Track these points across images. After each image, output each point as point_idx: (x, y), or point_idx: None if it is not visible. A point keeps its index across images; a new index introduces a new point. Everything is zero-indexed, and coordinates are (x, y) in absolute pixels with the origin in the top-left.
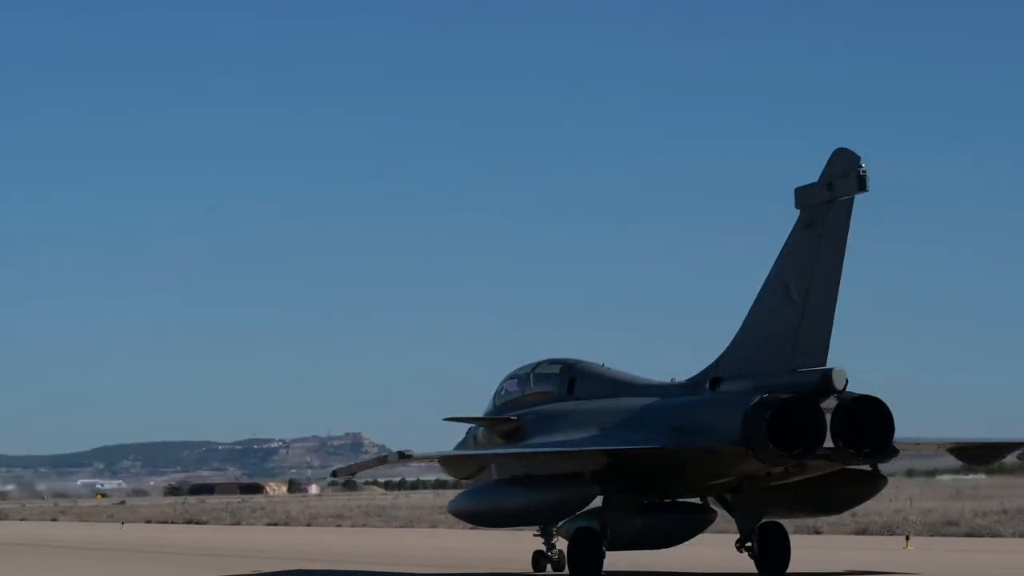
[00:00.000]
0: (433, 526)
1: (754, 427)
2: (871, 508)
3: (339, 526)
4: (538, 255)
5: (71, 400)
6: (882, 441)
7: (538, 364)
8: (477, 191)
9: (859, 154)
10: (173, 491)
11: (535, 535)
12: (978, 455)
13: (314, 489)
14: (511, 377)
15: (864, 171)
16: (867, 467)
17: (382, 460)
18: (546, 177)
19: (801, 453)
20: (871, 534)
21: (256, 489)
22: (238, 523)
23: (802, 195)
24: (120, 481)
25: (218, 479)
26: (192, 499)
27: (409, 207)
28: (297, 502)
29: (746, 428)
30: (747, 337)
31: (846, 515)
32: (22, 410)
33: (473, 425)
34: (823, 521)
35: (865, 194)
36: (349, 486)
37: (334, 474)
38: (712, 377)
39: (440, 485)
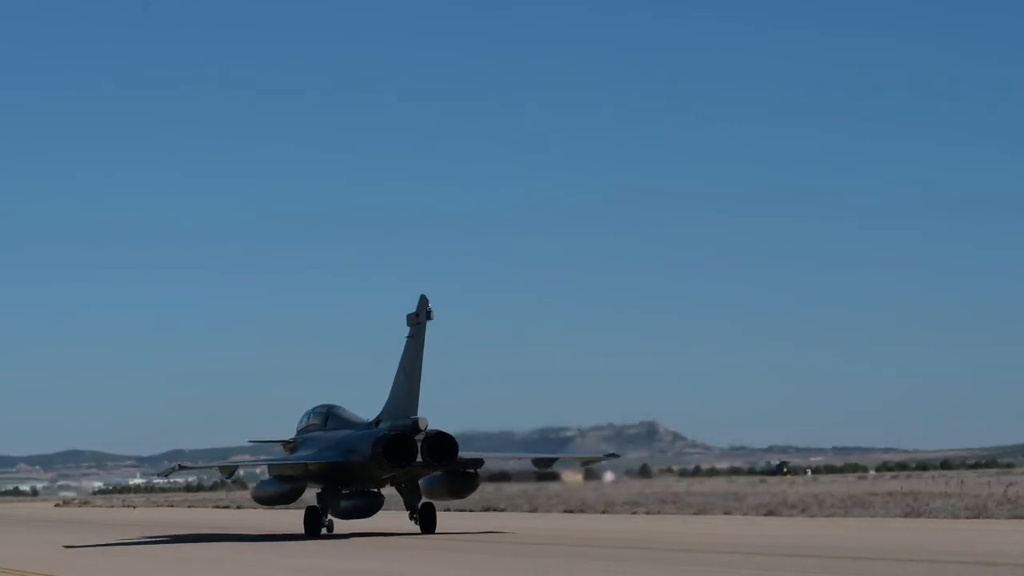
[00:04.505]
0: (727, 512)
1: (375, 450)
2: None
3: (634, 513)
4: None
5: (372, 392)
6: (451, 457)
7: (317, 406)
8: None
9: (429, 296)
10: None
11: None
12: (542, 463)
13: (609, 477)
14: (305, 413)
15: (430, 309)
16: (472, 471)
17: (172, 469)
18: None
19: (404, 464)
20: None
21: (552, 476)
22: (534, 510)
23: (409, 318)
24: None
25: (513, 466)
26: (489, 486)
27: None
28: (593, 490)
29: (372, 450)
30: (392, 395)
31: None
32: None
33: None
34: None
35: (432, 321)
36: (644, 473)
37: (159, 475)
38: (377, 418)
39: (734, 472)
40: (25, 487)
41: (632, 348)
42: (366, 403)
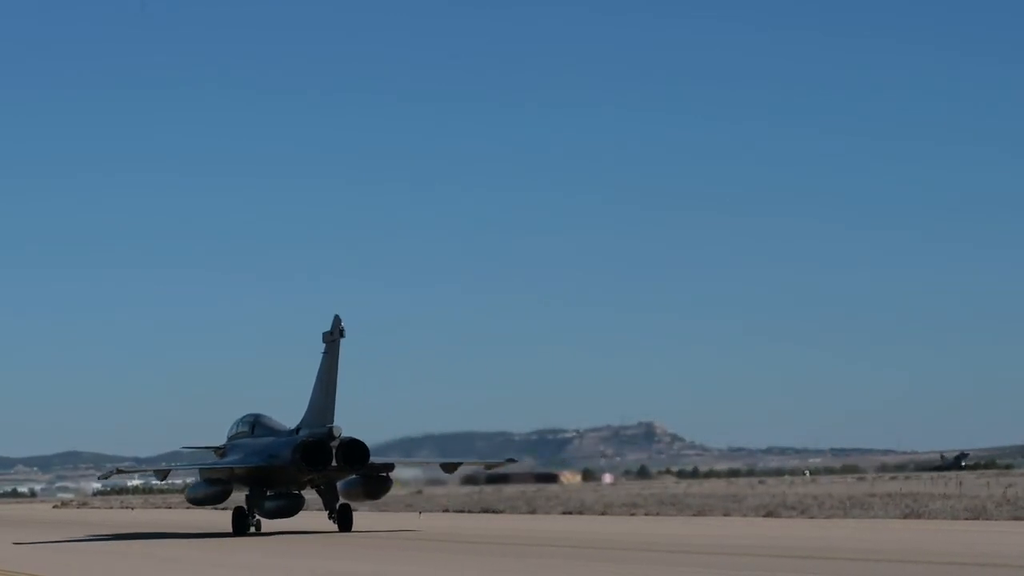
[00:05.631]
0: (726, 514)
1: (295, 455)
2: None
3: (632, 515)
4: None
5: (371, 393)
6: (363, 461)
7: (245, 415)
8: None
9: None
10: (469, 480)
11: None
12: (449, 468)
13: (608, 478)
14: (235, 422)
15: (342, 327)
16: (384, 474)
17: (113, 472)
18: None
19: (321, 468)
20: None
21: (551, 478)
22: (533, 512)
23: (325, 336)
24: (418, 471)
25: (513, 468)
26: (488, 488)
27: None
28: (591, 491)
29: (292, 455)
30: (311, 406)
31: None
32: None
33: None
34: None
35: (344, 339)
36: (643, 474)
37: (99, 478)
38: (298, 427)
39: (733, 474)
40: (24, 489)
41: (631, 349)
42: (370, 400)
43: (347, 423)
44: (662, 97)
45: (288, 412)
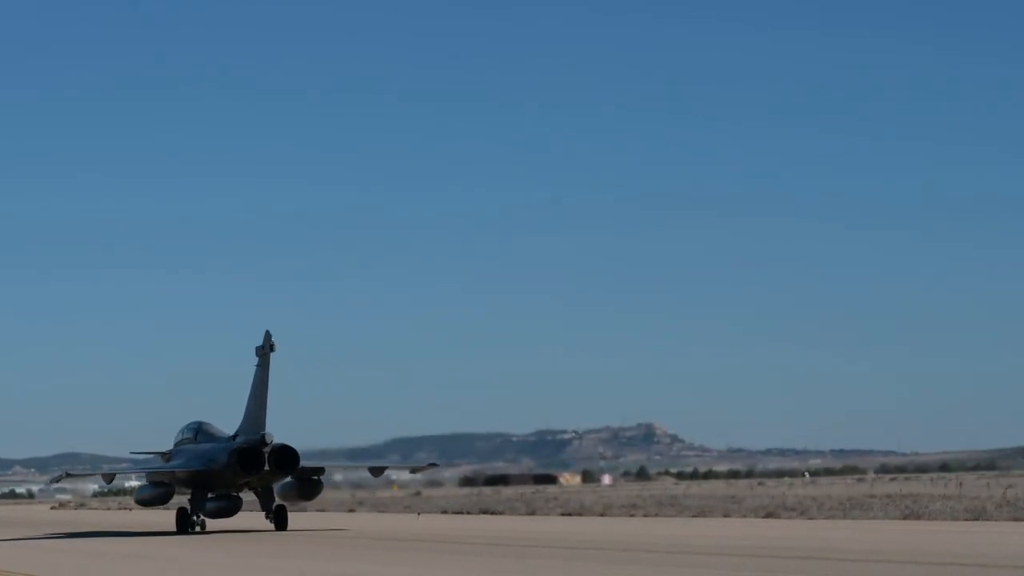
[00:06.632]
0: (726, 515)
1: (231, 460)
2: None
3: (632, 516)
4: None
5: (368, 394)
6: (293, 465)
7: (190, 423)
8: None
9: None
10: (468, 482)
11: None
12: (376, 472)
13: (607, 479)
14: (181, 429)
15: (273, 343)
16: (316, 478)
17: (63, 476)
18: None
19: (255, 471)
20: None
21: (550, 479)
22: (532, 513)
23: (257, 350)
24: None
25: (512, 470)
26: (487, 489)
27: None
28: (590, 492)
29: (228, 460)
30: (247, 414)
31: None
32: (321, 404)
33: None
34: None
35: (275, 353)
36: (642, 475)
37: (51, 481)
38: (235, 433)
39: (733, 475)
40: (21, 490)
41: (630, 349)
42: (370, 400)
43: (345, 423)
44: (662, 97)
45: (284, 411)
